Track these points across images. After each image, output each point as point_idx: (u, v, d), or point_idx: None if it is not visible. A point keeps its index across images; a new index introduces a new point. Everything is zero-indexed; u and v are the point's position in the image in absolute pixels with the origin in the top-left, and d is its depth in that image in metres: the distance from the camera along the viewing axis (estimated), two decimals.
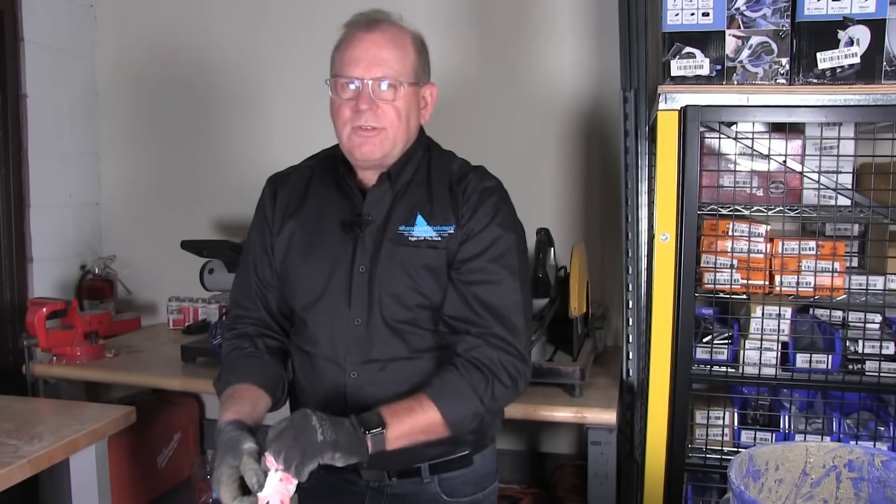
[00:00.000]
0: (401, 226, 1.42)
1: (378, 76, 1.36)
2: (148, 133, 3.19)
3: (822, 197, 1.97)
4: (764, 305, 2.02)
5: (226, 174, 3.08)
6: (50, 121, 2.96)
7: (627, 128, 2.20)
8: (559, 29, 2.73)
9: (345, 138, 1.41)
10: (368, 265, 1.41)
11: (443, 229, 1.41)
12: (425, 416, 1.31)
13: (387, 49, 1.38)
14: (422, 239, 1.41)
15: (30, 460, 1.69)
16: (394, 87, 1.38)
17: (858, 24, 1.80)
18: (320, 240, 1.46)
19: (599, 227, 2.76)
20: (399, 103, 1.39)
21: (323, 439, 1.17)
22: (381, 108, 1.37)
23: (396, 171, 1.45)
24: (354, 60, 1.37)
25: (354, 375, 1.41)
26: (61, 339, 2.55)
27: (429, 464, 1.47)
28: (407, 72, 1.39)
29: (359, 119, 1.37)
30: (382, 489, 1.49)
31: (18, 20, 2.79)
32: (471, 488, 1.52)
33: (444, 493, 1.50)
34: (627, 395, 2.21)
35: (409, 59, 1.40)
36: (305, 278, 1.46)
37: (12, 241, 2.81)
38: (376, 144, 1.39)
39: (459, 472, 1.50)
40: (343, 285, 1.42)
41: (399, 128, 1.40)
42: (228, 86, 3.06)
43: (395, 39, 1.39)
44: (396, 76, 1.37)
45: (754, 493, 1.19)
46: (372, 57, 1.36)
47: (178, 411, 3.00)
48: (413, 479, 1.48)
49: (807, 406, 2.10)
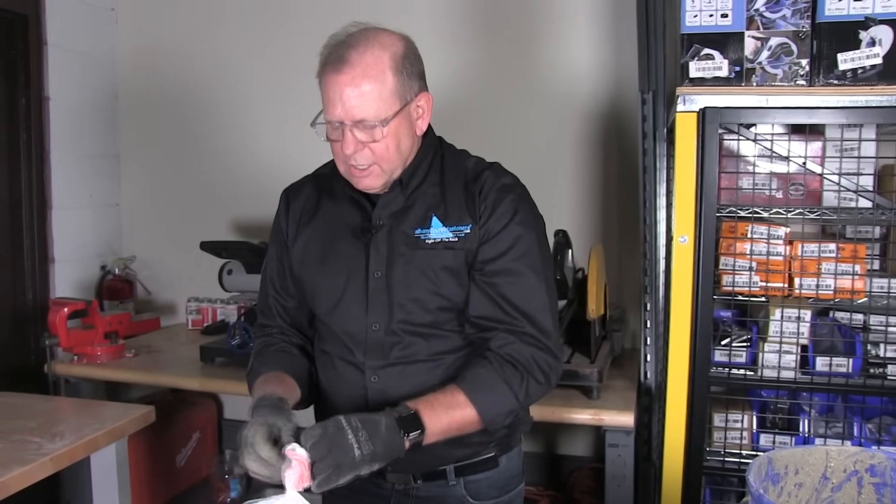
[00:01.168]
0: (416, 229, 1.41)
1: (356, 118, 1.31)
2: (167, 135, 3.22)
3: (842, 199, 1.96)
4: (783, 308, 2.00)
5: (245, 176, 3.10)
6: (71, 123, 2.99)
7: (645, 129, 2.19)
8: (577, 30, 2.73)
9: (343, 172, 1.40)
10: (384, 270, 1.41)
11: (459, 229, 1.39)
12: (462, 412, 1.29)
13: (360, 88, 1.30)
14: (439, 241, 1.39)
15: (52, 458, 1.71)
16: (375, 128, 1.32)
17: (881, 24, 1.78)
18: (334, 247, 1.46)
19: (617, 229, 2.75)
20: (386, 138, 1.34)
21: (360, 454, 1.16)
22: (367, 147, 1.34)
23: (408, 176, 1.43)
24: (331, 103, 1.33)
25: (375, 379, 1.41)
26: (82, 338, 2.58)
27: (454, 466, 1.46)
28: (386, 106, 1.32)
29: (350, 159, 1.35)
30: (408, 492, 1.49)
31: (42, 24, 2.83)
32: (496, 491, 1.52)
33: (470, 496, 1.49)
34: (645, 398, 2.20)
35: (386, 89, 1.32)
36: (323, 286, 1.46)
37: (34, 242, 2.84)
38: (374, 178, 1.38)
39: (485, 474, 1.49)
40: (359, 291, 1.42)
41: (392, 158, 1.37)
42: (248, 88, 3.08)
43: (369, 72, 1.30)
44: (376, 116, 1.31)
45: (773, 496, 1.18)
46: (346, 100, 1.30)
47: (197, 411, 3.02)
48: (439, 481, 1.47)
49: (827, 410, 2.08)
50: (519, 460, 1.57)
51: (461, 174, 1.46)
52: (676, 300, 1.97)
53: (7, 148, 2.79)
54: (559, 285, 2.25)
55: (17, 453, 1.71)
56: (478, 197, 1.41)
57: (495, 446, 1.49)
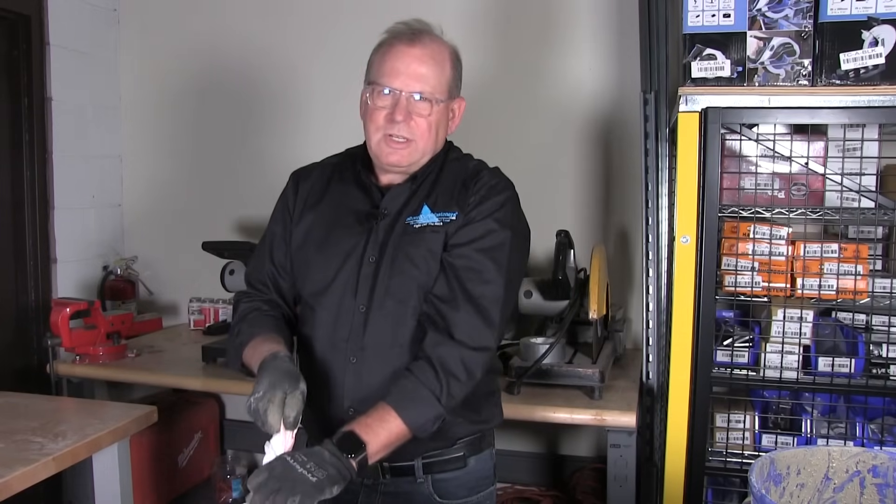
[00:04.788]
0: (409, 217, 1.47)
1: (416, 90, 1.42)
2: (170, 135, 3.22)
3: (844, 199, 1.95)
4: (785, 308, 2.00)
5: (247, 176, 3.10)
6: (74, 123, 3.00)
7: (648, 130, 2.19)
8: (579, 30, 2.73)
9: (374, 143, 1.46)
10: (377, 256, 1.46)
11: (445, 215, 1.45)
12: (396, 424, 1.32)
13: (427, 65, 1.43)
14: (425, 225, 1.45)
15: (54, 458, 1.71)
16: (429, 103, 1.43)
17: (884, 24, 1.78)
18: (336, 232, 1.51)
19: (619, 230, 2.75)
20: (432, 118, 1.44)
21: (317, 479, 1.17)
22: (414, 120, 1.43)
23: (422, 176, 1.50)
24: (394, 72, 1.42)
25: (353, 360, 1.44)
26: (84, 338, 2.58)
27: (422, 462, 1.48)
28: (442, 88, 1.45)
29: (392, 128, 1.43)
30: (376, 486, 1.50)
31: (44, 24, 2.83)
32: (464, 491, 1.53)
33: (437, 494, 1.50)
34: (647, 398, 2.20)
35: (445, 76, 1.46)
36: (317, 267, 1.50)
37: (37, 242, 2.84)
38: (405, 155, 1.45)
39: (453, 473, 1.51)
40: (352, 275, 1.46)
41: (428, 140, 1.46)
42: (250, 88, 3.08)
43: (436, 56, 1.45)
44: (433, 92, 1.43)
45: (775, 497, 1.18)
46: (412, 72, 1.42)
47: (199, 411, 3.02)
48: (407, 477, 1.49)
49: (829, 410, 2.08)
50: (490, 462, 1.59)
51: (461, 171, 1.52)
52: (679, 300, 1.96)
53: (10, 148, 2.79)
54: (561, 286, 2.25)
55: (19, 453, 1.71)
56: (471, 189, 1.47)
57: (465, 446, 1.51)
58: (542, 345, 2.18)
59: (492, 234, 1.43)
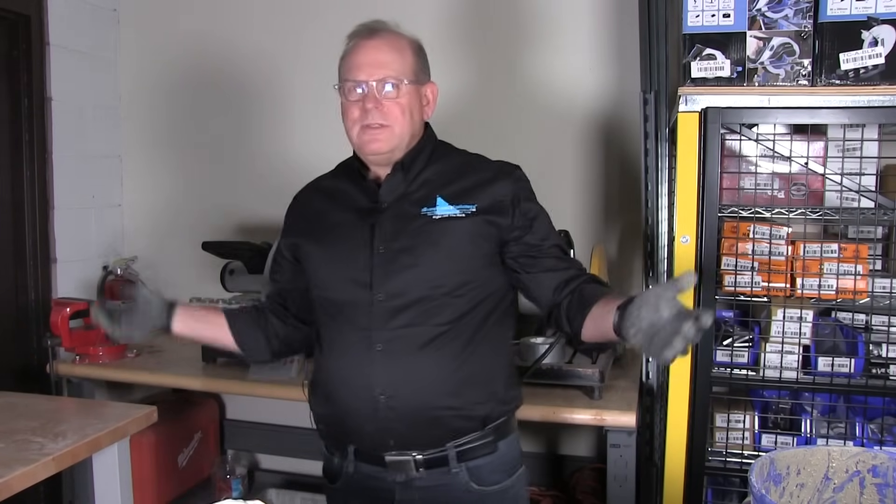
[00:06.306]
0: (422, 208, 1.52)
1: (380, 77, 1.49)
2: (170, 135, 3.22)
3: (844, 199, 1.95)
4: (785, 308, 2.00)
5: (247, 176, 3.10)
6: (74, 123, 3.00)
7: (647, 130, 2.19)
8: (579, 30, 2.72)
9: (355, 136, 1.53)
10: (389, 245, 1.51)
11: (465, 207, 1.51)
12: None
13: (386, 52, 1.51)
14: (447, 216, 1.51)
15: (54, 458, 1.71)
16: (395, 86, 1.50)
17: (883, 24, 1.78)
18: (339, 230, 1.57)
19: (619, 230, 2.75)
20: (402, 100, 1.51)
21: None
22: (385, 105, 1.49)
23: (409, 161, 1.56)
24: (358, 65, 1.50)
25: (380, 348, 1.48)
26: (84, 339, 2.58)
27: (455, 451, 1.51)
28: (406, 71, 1.51)
29: (366, 118, 1.49)
30: (411, 482, 1.52)
31: (44, 24, 2.83)
32: (499, 475, 1.55)
33: (474, 482, 1.52)
34: (647, 398, 2.20)
35: (407, 61, 1.53)
36: (326, 265, 1.57)
37: (37, 243, 2.84)
38: (384, 140, 1.51)
39: (485, 459, 1.53)
40: (364, 267, 1.51)
41: (403, 123, 1.51)
42: (250, 88, 3.08)
43: (394, 44, 1.52)
44: (397, 76, 1.50)
45: (775, 497, 1.18)
46: (373, 61, 1.50)
47: (199, 411, 3.02)
48: (441, 468, 1.51)
49: (829, 410, 2.08)
50: (517, 445, 1.63)
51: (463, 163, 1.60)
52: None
53: (9, 148, 2.79)
54: None
55: (19, 453, 1.71)
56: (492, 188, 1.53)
57: (493, 431, 1.53)
58: (541, 345, 2.18)
59: (541, 215, 1.57)
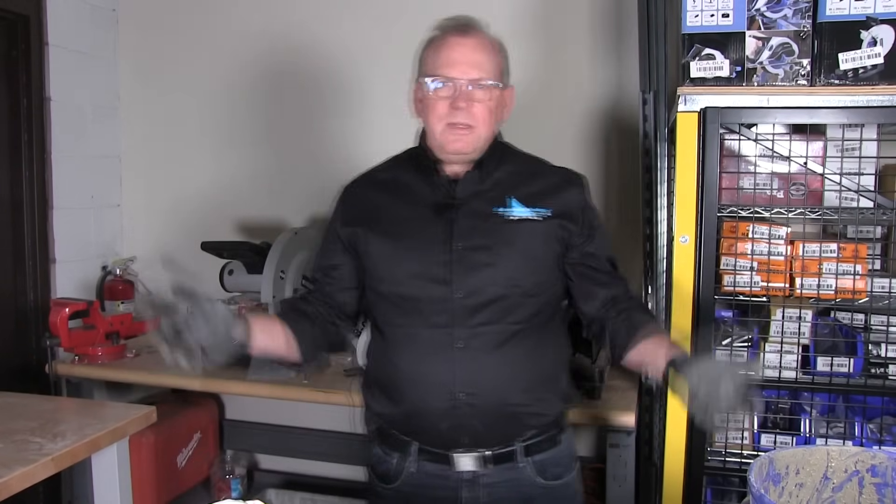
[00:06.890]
0: (496, 207, 1.53)
1: (474, 78, 1.49)
2: (169, 135, 3.22)
3: (843, 199, 1.95)
4: (784, 308, 2.00)
5: (246, 176, 3.10)
6: (73, 123, 2.99)
7: (647, 130, 2.19)
8: (579, 30, 2.72)
9: (438, 133, 1.51)
10: (468, 242, 1.50)
11: (539, 211, 1.53)
12: None
13: (481, 53, 1.51)
14: (523, 218, 1.52)
15: (53, 458, 1.71)
16: (487, 89, 1.50)
17: (882, 24, 1.78)
18: (410, 224, 1.55)
19: (618, 230, 2.74)
20: (491, 103, 1.52)
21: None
22: (475, 107, 1.49)
23: (486, 159, 1.56)
24: (452, 62, 1.49)
25: (461, 345, 1.48)
26: (83, 339, 2.58)
27: (523, 445, 1.53)
28: (496, 75, 1.53)
29: (454, 116, 1.49)
30: (477, 479, 1.53)
31: (43, 24, 2.82)
32: (561, 469, 1.59)
33: (541, 476, 1.54)
34: (646, 398, 2.20)
35: (497, 64, 1.54)
36: (394, 259, 1.55)
37: (36, 243, 2.84)
38: (468, 141, 1.51)
39: (549, 453, 1.56)
40: (442, 264, 1.50)
41: (488, 125, 1.53)
42: (250, 88, 3.09)
43: (487, 45, 1.53)
44: (489, 78, 1.50)
45: (774, 496, 1.18)
46: (469, 60, 1.49)
47: (198, 411, 3.02)
48: (508, 463, 1.53)
49: (828, 410, 2.08)
50: (573, 439, 1.67)
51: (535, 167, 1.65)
52: (677, 300, 1.96)
53: (8, 148, 2.79)
54: None
55: (18, 453, 1.71)
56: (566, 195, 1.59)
57: (554, 425, 1.57)
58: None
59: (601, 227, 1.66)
